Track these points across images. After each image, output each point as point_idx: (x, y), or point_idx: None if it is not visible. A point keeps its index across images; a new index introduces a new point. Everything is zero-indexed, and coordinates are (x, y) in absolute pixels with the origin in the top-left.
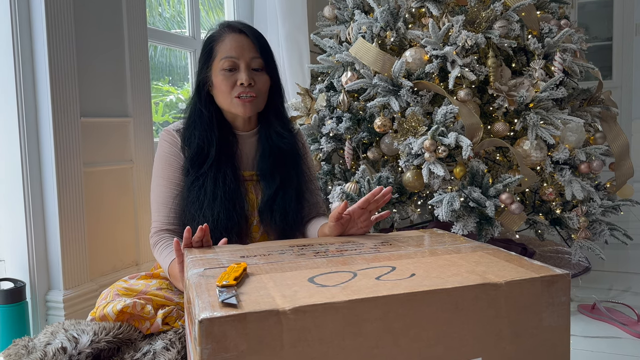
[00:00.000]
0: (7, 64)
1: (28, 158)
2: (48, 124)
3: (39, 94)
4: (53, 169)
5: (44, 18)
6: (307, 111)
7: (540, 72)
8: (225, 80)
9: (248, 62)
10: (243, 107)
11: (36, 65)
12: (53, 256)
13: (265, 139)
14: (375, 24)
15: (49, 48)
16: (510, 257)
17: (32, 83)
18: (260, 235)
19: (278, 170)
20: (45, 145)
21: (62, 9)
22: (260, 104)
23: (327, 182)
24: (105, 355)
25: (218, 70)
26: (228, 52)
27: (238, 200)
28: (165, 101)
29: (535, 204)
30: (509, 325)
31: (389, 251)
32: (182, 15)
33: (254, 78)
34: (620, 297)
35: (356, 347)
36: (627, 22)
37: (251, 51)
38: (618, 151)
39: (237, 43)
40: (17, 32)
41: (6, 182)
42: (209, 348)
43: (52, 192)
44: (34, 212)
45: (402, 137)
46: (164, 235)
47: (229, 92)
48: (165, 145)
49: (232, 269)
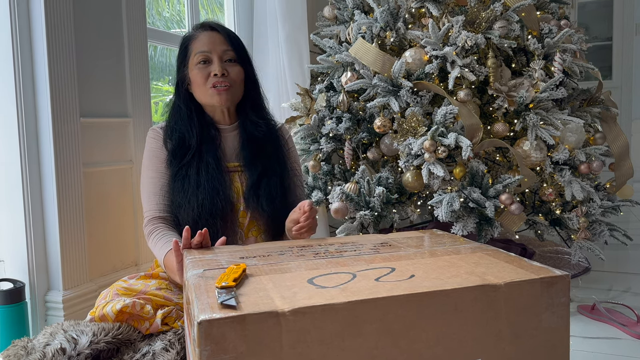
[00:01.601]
0: (7, 64)
1: (28, 158)
2: (48, 124)
3: (38, 95)
4: (52, 169)
5: (43, 18)
6: (307, 111)
7: (540, 73)
8: (200, 72)
9: (220, 55)
10: (219, 96)
11: (36, 65)
12: (52, 257)
13: (243, 130)
14: (375, 24)
15: (49, 48)
16: (510, 258)
17: (32, 83)
18: (248, 221)
19: (259, 158)
20: (44, 146)
21: (62, 9)
22: (235, 94)
23: (327, 183)
24: (104, 356)
25: (193, 65)
26: (201, 47)
27: (222, 187)
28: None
29: (535, 205)
30: (508, 326)
31: (389, 252)
32: (182, 15)
33: (227, 69)
34: (620, 297)
35: (356, 349)
36: (627, 22)
37: (223, 44)
38: (618, 151)
39: (209, 38)
40: (16, 32)
41: (6, 182)
42: (208, 349)
43: (51, 193)
44: (34, 213)
45: (402, 138)
46: (158, 225)
47: (204, 84)
48: (151, 141)
49: (231, 270)
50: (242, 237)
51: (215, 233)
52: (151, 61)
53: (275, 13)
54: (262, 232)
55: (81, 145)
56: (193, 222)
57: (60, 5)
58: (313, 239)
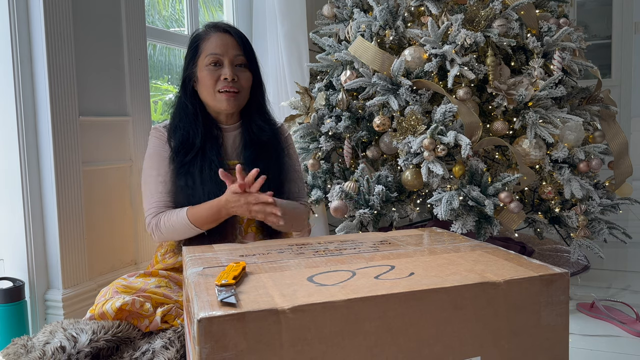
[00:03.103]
0: (6, 63)
1: (27, 157)
2: (47, 123)
3: (37, 93)
4: (52, 167)
5: (42, 16)
6: (306, 110)
7: (540, 71)
8: (210, 74)
9: (232, 59)
10: (227, 102)
11: (35, 64)
12: (52, 255)
13: (247, 132)
14: (375, 22)
15: (48, 47)
16: (509, 256)
17: (31, 82)
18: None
19: (260, 158)
20: (44, 144)
21: (61, 7)
22: (242, 100)
23: (326, 181)
24: (104, 354)
25: (203, 66)
26: (213, 49)
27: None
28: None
29: (535, 203)
30: (507, 324)
31: (388, 250)
32: (181, 13)
33: (237, 74)
34: (619, 295)
35: (355, 346)
36: (626, 20)
37: (235, 49)
38: (617, 150)
39: (222, 41)
40: (15, 31)
41: (5, 181)
42: (208, 347)
43: (51, 191)
44: (33, 211)
45: (401, 136)
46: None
47: (212, 87)
48: (154, 140)
49: (231, 268)
50: (241, 232)
51: (216, 228)
52: (150, 60)
53: (275, 11)
54: (261, 228)
55: (80, 144)
56: None
57: (59, 3)
58: (312, 237)
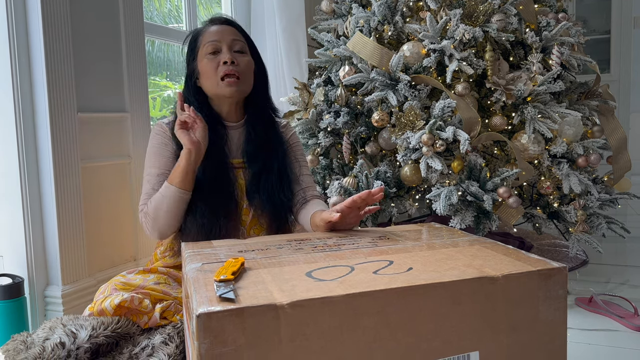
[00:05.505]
0: (4, 60)
1: (25, 153)
2: (45, 119)
3: (35, 90)
4: (50, 164)
5: (40, 12)
6: (305, 105)
7: (538, 66)
8: (209, 62)
9: (230, 44)
10: (229, 88)
11: (33, 60)
12: (51, 252)
13: (251, 127)
14: (373, 17)
15: (46, 43)
16: (508, 251)
17: (29, 79)
18: (250, 218)
19: (262, 154)
20: (42, 141)
21: (58, 3)
22: (245, 86)
23: (325, 177)
24: (103, 350)
25: (203, 56)
26: (211, 37)
27: (225, 184)
28: (162, 96)
29: (533, 198)
30: (506, 319)
31: (387, 245)
32: (179, 9)
33: (236, 58)
34: (618, 290)
35: (354, 341)
36: (625, 15)
37: (232, 34)
38: (616, 144)
39: (220, 29)
40: (13, 27)
41: (4, 177)
42: (207, 342)
43: (49, 188)
44: (32, 208)
45: (400, 132)
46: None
47: (214, 74)
48: (156, 137)
49: (229, 264)
50: (244, 234)
51: (218, 230)
52: (149, 56)
53: (273, 7)
54: (264, 230)
55: (79, 140)
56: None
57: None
58: (311, 233)
